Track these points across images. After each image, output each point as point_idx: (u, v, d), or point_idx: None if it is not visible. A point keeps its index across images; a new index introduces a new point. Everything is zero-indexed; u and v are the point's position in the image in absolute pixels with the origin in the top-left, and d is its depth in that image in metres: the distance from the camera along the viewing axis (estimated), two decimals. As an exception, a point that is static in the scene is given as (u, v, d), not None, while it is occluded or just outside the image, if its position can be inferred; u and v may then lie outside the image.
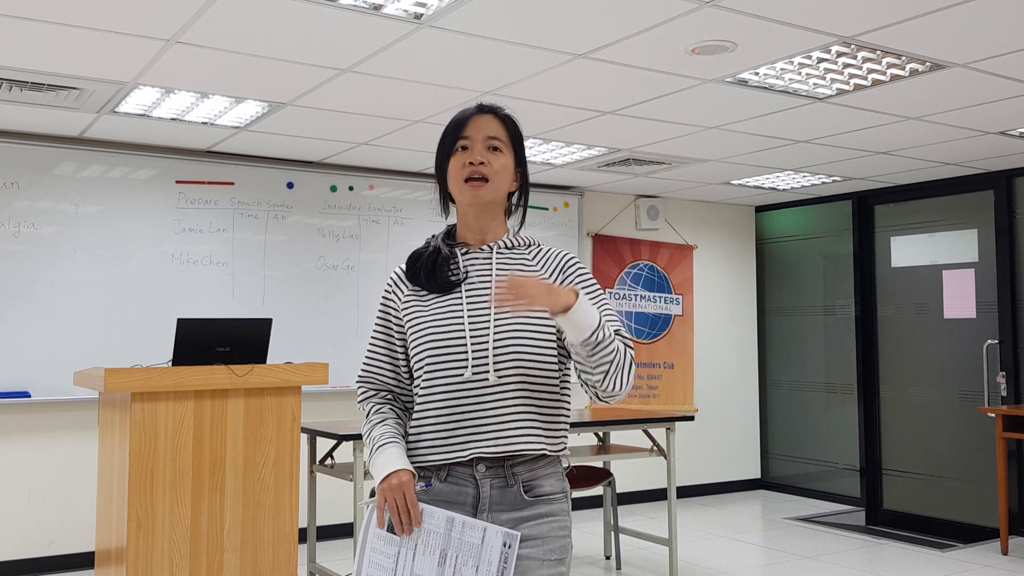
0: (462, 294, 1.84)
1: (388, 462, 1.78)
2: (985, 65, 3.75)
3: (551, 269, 1.89)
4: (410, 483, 1.75)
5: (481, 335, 1.79)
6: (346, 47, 3.50)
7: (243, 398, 3.84)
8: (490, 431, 1.76)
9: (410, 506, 1.74)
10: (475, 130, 1.86)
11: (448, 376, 1.78)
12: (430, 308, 1.84)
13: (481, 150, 1.84)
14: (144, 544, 3.60)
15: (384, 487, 1.76)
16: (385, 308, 1.93)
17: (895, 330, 6.68)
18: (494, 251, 1.89)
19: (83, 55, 3.60)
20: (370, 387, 1.93)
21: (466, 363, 1.77)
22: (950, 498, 6.29)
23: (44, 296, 4.98)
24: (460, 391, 1.77)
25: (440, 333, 1.80)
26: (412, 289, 1.89)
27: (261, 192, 5.61)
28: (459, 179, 1.85)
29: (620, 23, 3.25)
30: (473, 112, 1.90)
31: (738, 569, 5.08)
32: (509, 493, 1.77)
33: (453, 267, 1.88)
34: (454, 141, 1.87)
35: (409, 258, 1.94)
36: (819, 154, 5.53)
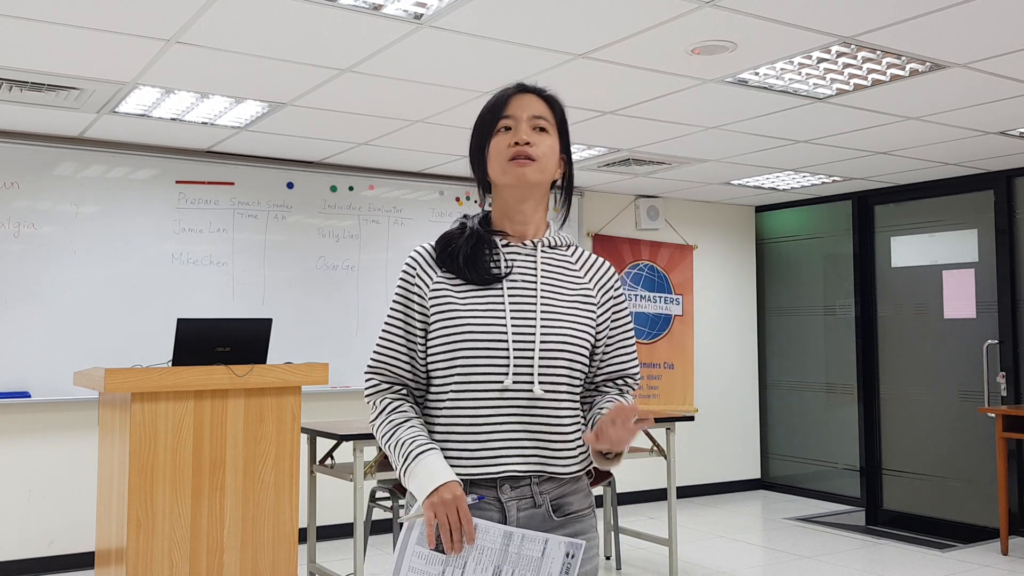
0: (503, 290, 1.66)
1: (434, 472, 1.57)
2: (985, 65, 3.75)
3: (595, 281, 1.75)
4: (463, 497, 1.55)
5: (525, 340, 1.62)
6: (346, 47, 3.50)
7: (243, 398, 3.84)
8: (526, 449, 1.61)
9: (464, 522, 1.54)
10: (519, 109, 1.69)
11: (484, 382, 1.60)
12: (467, 301, 1.64)
13: (527, 129, 1.67)
14: (144, 544, 3.60)
15: (435, 501, 1.54)
16: (406, 292, 1.69)
17: (895, 330, 6.68)
18: (538, 248, 1.72)
19: (83, 55, 3.60)
20: (382, 379, 1.69)
21: (506, 370, 1.60)
22: (950, 498, 6.29)
23: (44, 296, 4.98)
24: (497, 401, 1.60)
25: (479, 331, 1.61)
26: (443, 275, 1.67)
27: (261, 192, 5.61)
28: (503, 159, 1.67)
29: (620, 23, 3.25)
30: (514, 91, 1.72)
31: (738, 569, 5.08)
32: (537, 515, 1.63)
33: (495, 258, 1.69)
34: (495, 121, 1.69)
35: (440, 239, 1.71)
36: (819, 154, 5.53)
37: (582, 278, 1.73)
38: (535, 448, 1.61)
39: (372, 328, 5.92)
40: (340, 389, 5.79)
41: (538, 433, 1.61)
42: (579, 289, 1.71)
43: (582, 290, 1.72)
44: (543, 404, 1.61)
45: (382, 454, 4.20)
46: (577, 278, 1.73)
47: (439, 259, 1.68)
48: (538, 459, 1.61)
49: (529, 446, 1.61)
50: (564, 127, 1.75)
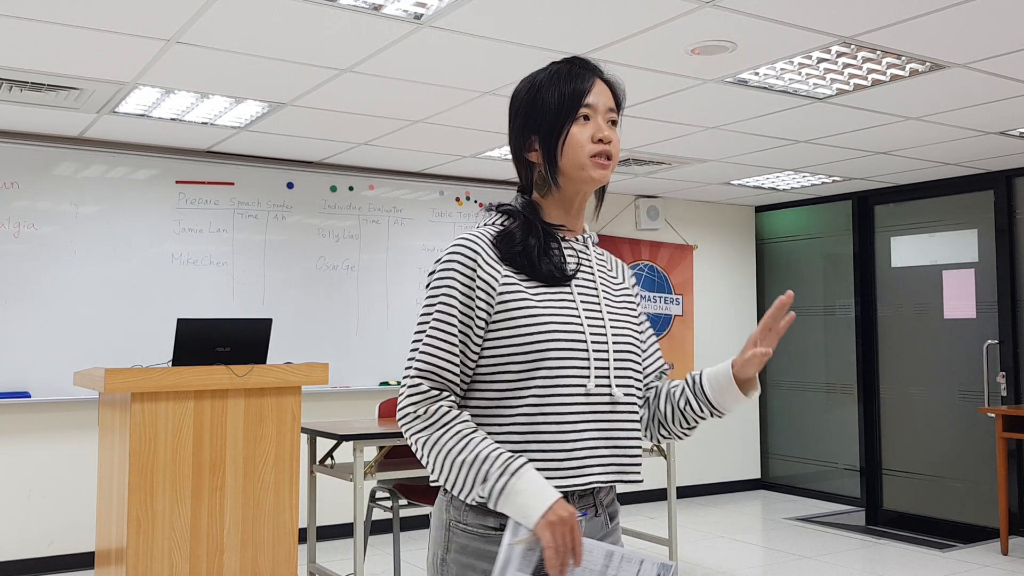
0: (573, 290, 1.56)
1: (542, 490, 1.39)
2: (985, 65, 3.75)
3: (627, 280, 1.71)
4: (576, 515, 1.40)
5: (600, 342, 1.53)
6: (346, 47, 3.50)
7: (243, 398, 3.84)
8: (606, 457, 1.51)
9: (576, 543, 1.39)
10: (598, 99, 1.57)
11: (568, 386, 1.48)
12: (542, 299, 1.51)
13: (604, 124, 1.57)
14: (144, 544, 3.60)
15: (553, 521, 1.37)
16: (468, 286, 1.49)
17: (895, 330, 6.68)
18: (589, 244, 1.65)
19: (83, 55, 3.60)
20: (432, 384, 1.48)
21: (588, 372, 1.50)
22: (950, 498, 6.29)
23: (44, 296, 4.98)
24: (580, 406, 1.49)
25: (563, 332, 1.49)
26: (509, 271, 1.51)
27: (261, 192, 5.61)
28: (584, 153, 1.54)
29: (620, 23, 3.25)
30: (592, 75, 1.60)
31: (738, 569, 5.08)
32: (596, 523, 1.54)
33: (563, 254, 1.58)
34: (577, 106, 1.56)
35: (500, 233, 1.55)
36: (819, 154, 5.53)
37: (617, 278, 1.68)
38: (613, 455, 1.52)
39: (372, 328, 5.92)
40: (340, 389, 5.79)
41: (617, 439, 1.53)
42: (622, 290, 1.67)
43: (623, 290, 1.67)
44: (622, 408, 1.54)
45: (383, 454, 4.20)
46: (615, 278, 1.67)
47: (502, 253, 1.52)
48: (616, 467, 1.52)
49: (607, 454, 1.51)
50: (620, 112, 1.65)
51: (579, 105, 1.55)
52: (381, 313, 5.96)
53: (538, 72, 1.61)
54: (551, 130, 1.56)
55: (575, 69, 1.59)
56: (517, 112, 1.60)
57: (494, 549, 1.44)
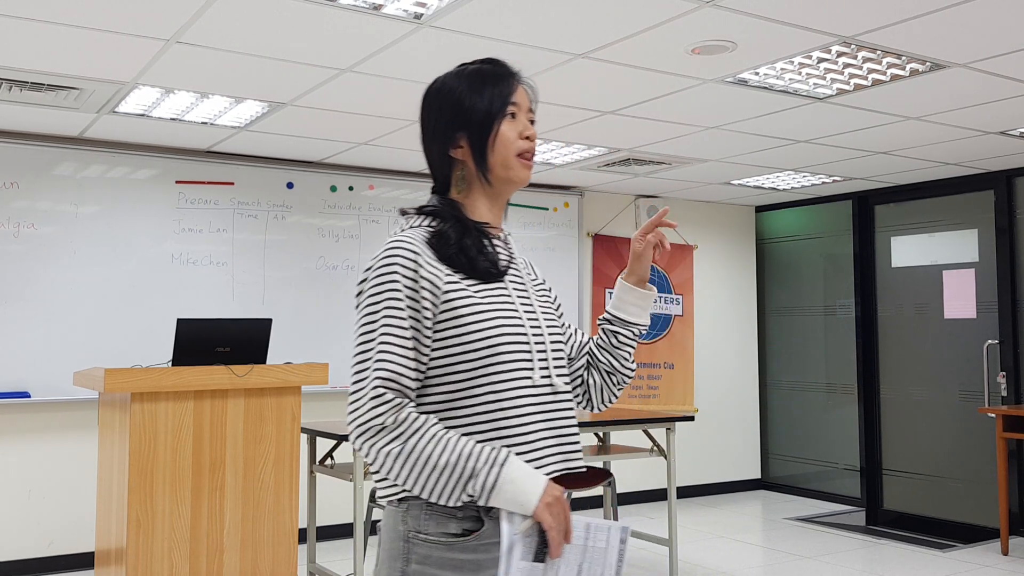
0: (507, 286, 1.58)
1: (531, 474, 1.42)
2: (985, 65, 3.75)
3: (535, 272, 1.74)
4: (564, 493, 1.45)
5: (538, 334, 1.56)
6: (346, 47, 3.50)
7: (243, 398, 3.84)
8: (553, 446, 1.53)
9: (567, 520, 1.44)
10: (522, 97, 1.61)
11: (517, 379, 1.50)
12: (484, 297, 1.52)
13: (527, 123, 1.61)
14: (144, 544, 3.60)
15: (551, 502, 1.40)
16: (413, 290, 1.47)
17: (895, 330, 6.68)
18: (509, 240, 1.68)
19: (83, 55, 3.60)
20: (396, 393, 1.45)
21: (532, 364, 1.52)
22: (950, 498, 6.29)
23: (44, 296, 4.98)
24: (529, 398, 1.51)
25: (507, 328, 1.50)
26: (449, 271, 1.51)
27: (261, 192, 5.61)
28: (511, 151, 1.58)
29: (620, 23, 3.25)
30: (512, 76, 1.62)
31: (738, 569, 5.08)
32: None
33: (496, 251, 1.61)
34: (507, 103, 1.58)
35: (434, 236, 1.53)
36: (819, 154, 5.53)
37: (528, 269, 1.71)
38: (559, 444, 1.54)
39: (372, 328, 5.91)
40: (340, 389, 5.79)
41: (561, 428, 1.55)
42: (538, 281, 1.70)
43: (539, 281, 1.71)
44: (562, 397, 1.56)
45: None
46: (527, 269, 1.70)
47: (439, 253, 1.51)
48: (563, 456, 1.54)
49: (554, 443, 1.53)
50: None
51: (508, 103, 1.58)
52: (381, 313, 5.95)
53: (454, 74, 1.62)
54: (482, 127, 1.56)
55: (496, 68, 1.61)
56: (441, 110, 1.59)
57: (457, 556, 1.43)
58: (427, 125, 1.62)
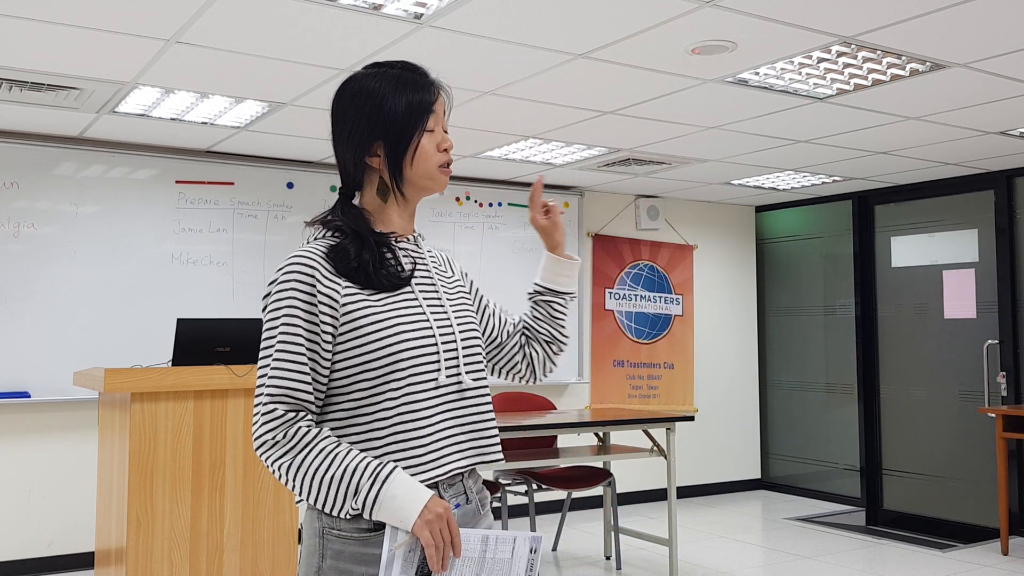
0: (414, 290, 1.59)
1: (413, 489, 1.43)
2: (985, 65, 3.75)
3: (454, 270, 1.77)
4: (450, 509, 1.45)
5: (447, 334, 1.58)
6: (346, 47, 3.50)
7: (243, 398, 3.84)
8: (464, 442, 1.57)
9: (455, 535, 1.44)
10: (440, 108, 1.62)
11: (418, 383, 1.52)
12: (387, 306, 1.54)
13: (443, 135, 1.63)
14: (144, 544, 3.60)
15: (430, 519, 1.41)
16: (310, 304, 1.49)
17: (895, 330, 6.68)
18: (421, 243, 1.68)
19: (83, 55, 3.60)
20: (288, 408, 1.47)
21: (438, 366, 1.55)
22: (950, 498, 6.29)
23: (44, 296, 4.98)
24: (432, 399, 1.53)
25: (407, 334, 1.52)
26: (348, 285, 1.52)
27: (261, 192, 5.61)
28: (433, 163, 1.59)
29: (620, 23, 3.25)
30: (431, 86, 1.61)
31: (738, 569, 5.08)
32: (469, 511, 1.58)
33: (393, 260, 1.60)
34: (426, 116, 1.58)
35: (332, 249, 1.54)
36: (819, 154, 5.53)
37: (446, 271, 1.72)
38: (471, 440, 1.58)
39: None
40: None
41: (472, 423, 1.59)
42: (454, 282, 1.72)
43: (456, 282, 1.72)
44: (473, 394, 1.60)
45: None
46: (444, 270, 1.72)
47: (338, 268, 1.52)
48: (475, 451, 1.58)
49: (466, 439, 1.57)
50: None
51: (427, 114, 1.57)
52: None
53: (370, 75, 1.59)
54: (399, 140, 1.56)
55: (416, 76, 1.60)
56: (358, 114, 1.57)
57: (371, 551, 1.44)
58: (342, 126, 1.60)
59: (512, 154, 5.52)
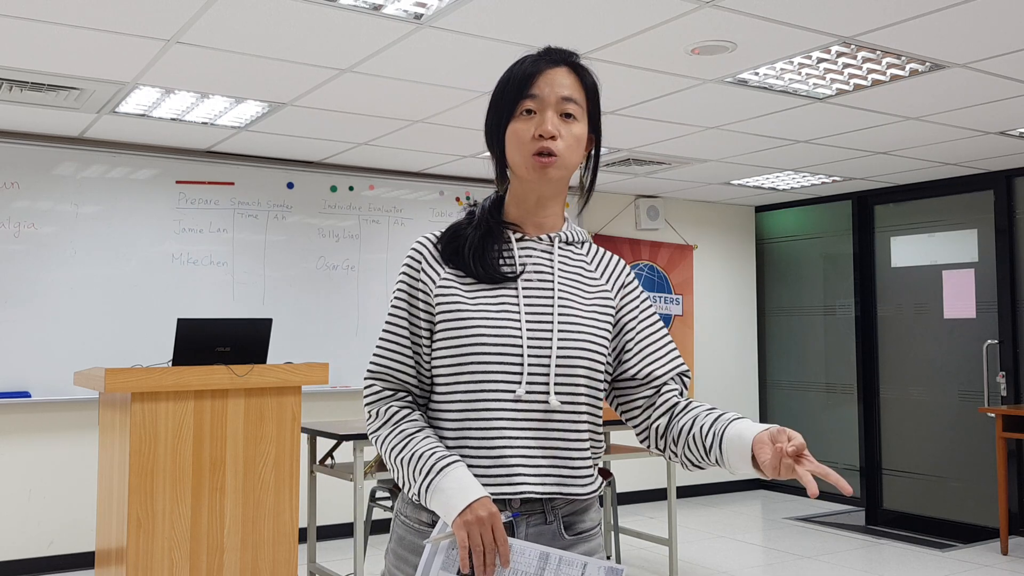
0: (518, 291, 1.48)
1: (465, 487, 1.37)
2: (985, 65, 3.75)
3: (610, 280, 1.58)
4: (499, 514, 1.37)
5: (541, 346, 1.45)
6: (346, 47, 3.50)
7: (243, 398, 3.84)
8: (543, 467, 1.44)
9: (499, 543, 1.36)
10: (547, 87, 1.47)
11: (495, 391, 1.43)
12: (477, 300, 1.46)
13: (553, 117, 1.46)
14: (144, 544, 3.60)
15: (469, 520, 1.35)
16: (410, 288, 1.50)
17: (895, 330, 6.68)
18: (555, 244, 1.55)
19: (83, 55, 3.60)
20: (385, 385, 1.50)
21: (520, 378, 1.43)
22: (950, 498, 6.29)
23: (44, 296, 4.98)
24: (509, 413, 1.43)
25: (491, 335, 1.43)
26: (451, 272, 1.49)
27: (261, 192, 5.61)
28: (526, 152, 1.47)
29: (620, 23, 3.25)
30: (543, 62, 1.49)
31: (738, 569, 5.08)
32: (547, 531, 1.46)
33: (507, 254, 1.51)
34: (518, 100, 1.47)
35: (447, 232, 1.53)
36: (819, 154, 5.53)
37: (598, 279, 1.56)
38: (551, 466, 1.45)
39: (372, 328, 5.92)
40: (340, 389, 5.79)
41: (555, 449, 1.45)
42: (597, 291, 1.55)
43: (600, 292, 1.55)
44: (560, 417, 1.45)
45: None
46: (594, 279, 1.56)
47: (444, 253, 1.50)
48: (555, 479, 1.45)
49: (545, 464, 1.44)
50: (595, 102, 1.53)
51: (522, 96, 1.47)
52: (381, 313, 5.96)
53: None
54: (494, 123, 1.52)
55: (532, 60, 1.51)
56: (490, 103, 1.54)
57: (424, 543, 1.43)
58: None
59: (512, 154, 5.51)
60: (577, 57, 1.52)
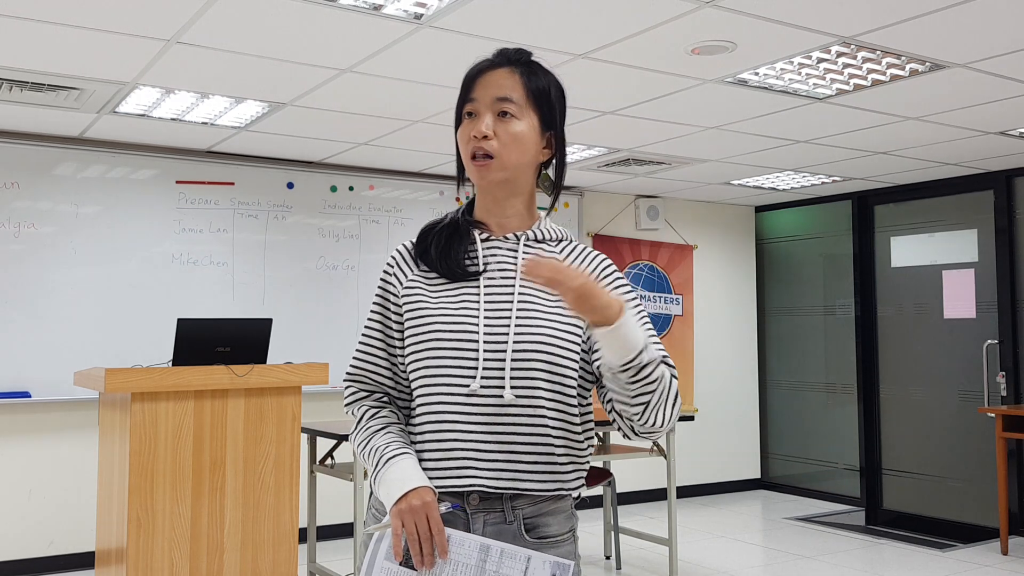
0: (479, 287, 1.50)
1: (405, 477, 1.42)
2: (985, 65, 3.75)
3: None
4: (434, 503, 1.40)
5: (497, 341, 1.46)
6: (346, 47, 3.50)
7: (243, 398, 3.84)
8: (496, 461, 1.44)
9: (435, 532, 1.39)
10: (482, 90, 1.51)
11: (449, 386, 1.46)
12: (437, 298, 1.50)
13: (488, 118, 1.49)
14: (144, 544, 3.60)
15: (403, 508, 1.40)
16: (383, 292, 1.56)
17: (895, 330, 6.68)
18: (520, 242, 1.56)
19: (83, 55, 3.60)
20: (362, 387, 1.56)
21: (475, 373, 1.45)
22: (950, 498, 6.29)
23: (44, 296, 4.98)
24: (463, 407, 1.45)
25: (446, 331, 1.47)
26: (419, 272, 1.54)
27: (261, 192, 5.61)
28: (466, 154, 1.51)
29: (620, 23, 3.25)
30: (486, 64, 1.54)
31: (738, 569, 5.08)
32: (507, 531, 1.45)
33: (471, 251, 1.54)
34: (462, 104, 1.53)
35: (421, 230, 1.58)
36: (819, 154, 5.53)
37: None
38: (506, 461, 1.44)
39: (372, 328, 5.92)
40: (340, 389, 5.79)
41: (510, 444, 1.44)
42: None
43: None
44: (516, 412, 1.44)
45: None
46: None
47: (417, 251, 1.56)
48: (510, 473, 1.44)
49: (500, 458, 1.44)
50: (544, 100, 1.53)
51: (464, 101, 1.54)
52: (381, 313, 5.96)
53: None
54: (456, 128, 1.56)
55: (477, 65, 1.56)
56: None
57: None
58: None
59: (512, 154, 5.52)
60: (526, 56, 1.55)
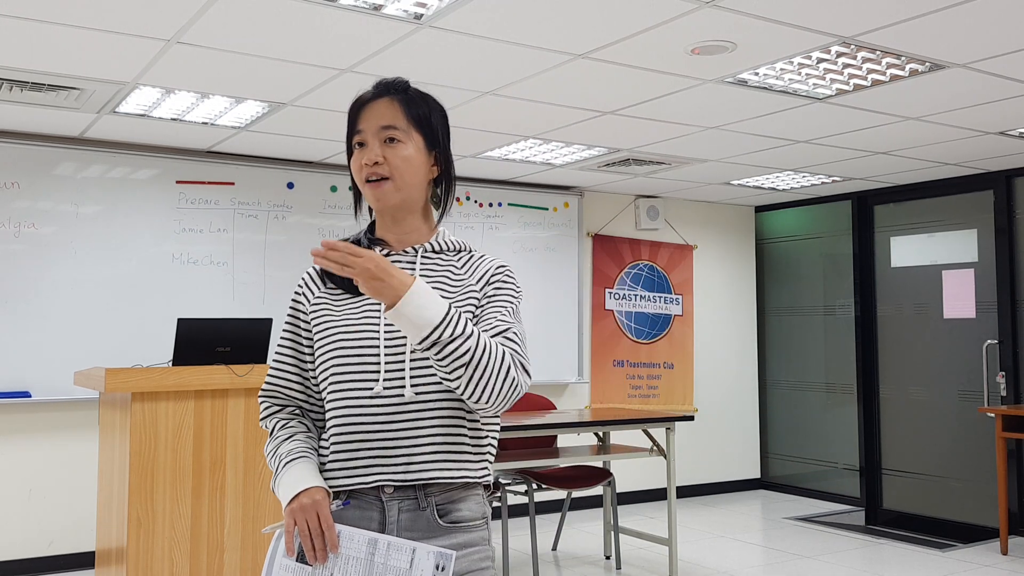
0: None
1: (297, 479, 1.54)
2: (985, 65, 3.76)
3: (480, 279, 1.66)
4: (324, 502, 1.52)
5: (397, 346, 1.57)
6: (346, 47, 3.50)
7: (243, 398, 3.84)
8: (402, 455, 1.54)
9: (325, 528, 1.50)
10: (368, 121, 1.63)
11: (355, 390, 1.57)
12: (342, 311, 1.63)
13: (376, 145, 1.62)
14: (144, 544, 3.60)
15: (294, 507, 1.51)
16: (294, 311, 1.69)
17: (895, 330, 6.68)
18: (419, 254, 1.68)
19: (83, 55, 3.60)
20: (275, 402, 1.69)
21: (377, 376, 1.56)
22: (950, 498, 6.29)
23: (44, 296, 4.98)
24: (368, 408, 1.55)
25: (350, 339, 1.59)
26: (325, 290, 1.67)
27: (261, 192, 5.61)
28: (361, 180, 1.64)
29: (620, 23, 3.25)
30: (367, 96, 1.66)
31: (738, 569, 5.09)
32: (421, 517, 1.55)
33: None
34: (351, 136, 1.66)
35: None
36: (819, 154, 5.53)
37: (466, 278, 1.66)
38: (412, 455, 1.55)
39: (372, 328, 5.92)
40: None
41: (414, 439, 1.55)
42: (463, 291, 1.64)
43: (466, 292, 1.64)
44: (414, 407, 1.55)
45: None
46: (460, 281, 1.65)
47: (322, 274, 1.69)
48: (417, 466, 1.54)
49: (405, 453, 1.54)
50: (425, 124, 1.65)
51: (352, 133, 1.66)
52: (381, 313, 5.96)
53: None
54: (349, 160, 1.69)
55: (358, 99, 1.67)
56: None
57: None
58: None
59: (512, 154, 5.53)
60: (404, 84, 1.67)
